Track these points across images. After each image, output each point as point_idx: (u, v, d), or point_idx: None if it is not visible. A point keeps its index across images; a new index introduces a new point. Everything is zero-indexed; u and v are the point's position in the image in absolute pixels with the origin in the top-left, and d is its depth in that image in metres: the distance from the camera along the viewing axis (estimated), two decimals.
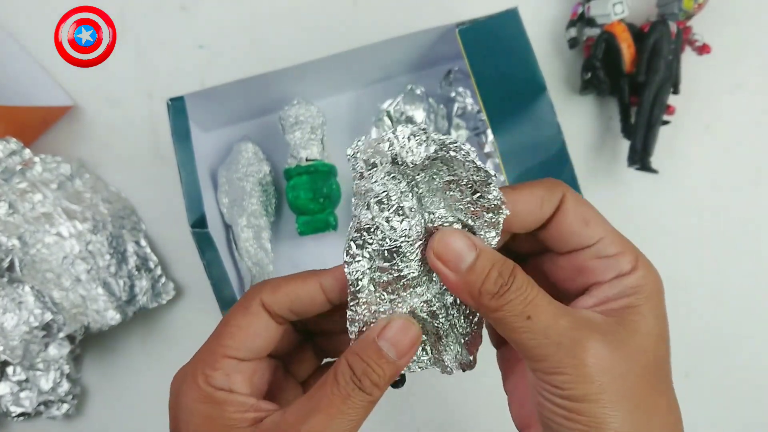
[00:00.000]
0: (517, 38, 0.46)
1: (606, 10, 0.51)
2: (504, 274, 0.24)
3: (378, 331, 0.25)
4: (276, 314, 0.28)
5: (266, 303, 0.27)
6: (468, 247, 0.25)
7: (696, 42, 0.52)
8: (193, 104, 0.48)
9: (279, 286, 0.28)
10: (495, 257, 0.25)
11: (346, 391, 0.25)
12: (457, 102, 0.52)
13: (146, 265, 0.55)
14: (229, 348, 0.27)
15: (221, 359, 0.27)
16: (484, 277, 0.24)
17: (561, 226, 0.26)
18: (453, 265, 0.25)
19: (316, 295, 0.27)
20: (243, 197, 0.52)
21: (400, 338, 0.25)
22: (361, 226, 0.26)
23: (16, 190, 0.52)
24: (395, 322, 0.26)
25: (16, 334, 0.49)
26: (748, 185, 0.55)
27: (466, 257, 0.25)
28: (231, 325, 0.28)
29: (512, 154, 0.45)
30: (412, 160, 0.24)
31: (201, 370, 0.27)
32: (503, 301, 0.24)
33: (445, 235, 0.25)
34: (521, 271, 0.25)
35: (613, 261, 0.26)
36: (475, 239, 0.25)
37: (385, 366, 0.25)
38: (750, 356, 0.55)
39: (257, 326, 0.27)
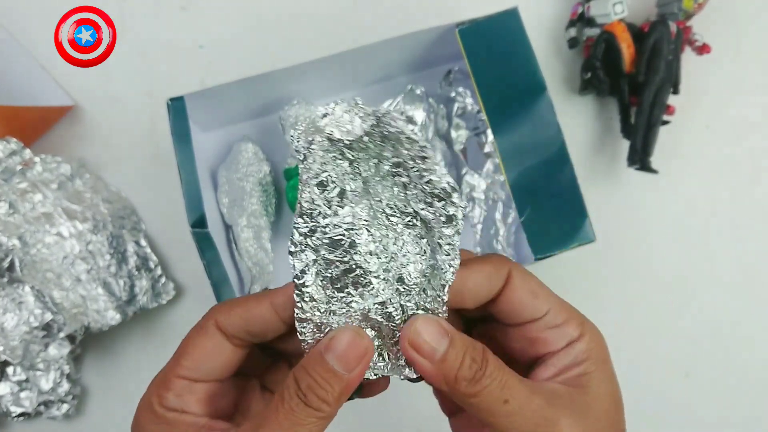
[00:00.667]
0: (517, 38, 0.46)
1: (606, 10, 0.51)
2: (477, 359, 0.24)
3: (325, 344, 0.25)
4: (232, 336, 0.27)
5: (221, 324, 0.27)
6: (440, 335, 0.25)
7: (696, 42, 0.52)
8: (193, 104, 0.48)
9: (233, 307, 0.27)
10: (466, 342, 0.25)
11: (289, 407, 0.24)
12: (457, 102, 0.52)
13: (146, 265, 0.55)
14: (183, 368, 0.27)
15: (174, 380, 0.27)
16: (459, 364, 0.24)
17: (510, 300, 0.27)
18: (428, 354, 0.24)
19: (269, 316, 0.26)
20: (243, 197, 0.52)
21: (349, 352, 0.24)
22: (302, 210, 0.24)
23: (16, 190, 0.52)
24: (343, 334, 0.25)
25: (16, 334, 0.49)
26: (748, 185, 0.55)
27: (439, 346, 0.24)
28: (186, 345, 0.28)
29: (512, 154, 0.45)
30: (349, 136, 0.23)
31: (156, 392, 0.27)
32: (479, 386, 0.24)
33: (418, 325, 0.25)
34: (491, 353, 0.25)
35: (562, 330, 0.27)
36: (445, 324, 0.25)
37: (333, 381, 0.24)
38: (750, 356, 0.55)
39: (211, 347, 0.27)
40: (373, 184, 0.24)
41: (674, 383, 0.54)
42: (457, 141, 0.52)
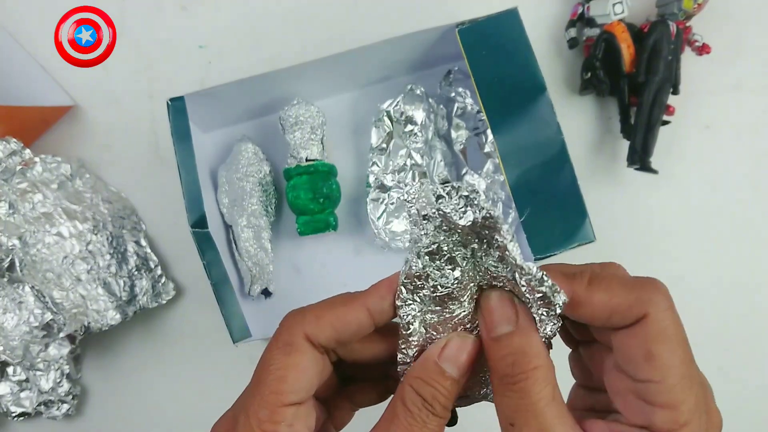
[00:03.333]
0: (517, 38, 0.46)
1: (606, 10, 0.51)
2: (517, 367, 0.23)
3: (438, 351, 0.25)
4: (320, 346, 0.26)
5: (310, 335, 0.25)
6: (510, 320, 0.24)
7: (696, 42, 0.52)
8: (193, 104, 0.48)
9: (322, 315, 0.26)
10: (525, 346, 0.23)
11: (421, 419, 0.24)
12: (457, 102, 0.52)
13: (146, 265, 0.55)
14: (285, 394, 0.25)
15: (280, 409, 0.24)
16: (502, 356, 0.24)
17: (621, 344, 0.24)
18: (488, 324, 0.24)
19: (364, 320, 0.26)
20: (243, 197, 0.52)
21: (459, 355, 0.25)
22: (412, 273, 0.25)
23: (16, 190, 0.52)
24: (453, 340, 0.25)
25: (16, 334, 0.49)
26: (747, 185, 0.55)
27: (502, 327, 0.24)
28: (278, 367, 0.25)
29: (512, 154, 0.45)
30: (461, 221, 0.24)
31: (258, 425, 0.24)
32: (501, 390, 0.24)
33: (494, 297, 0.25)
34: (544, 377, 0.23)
35: (651, 410, 0.22)
36: (524, 315, 0.24)
37: (450, 386, 0.24)
38: (750, 355, 0.55)
39: (306, 363, 0.25)
40: (480, 255, 0.25)
41: None
42: (457, 141, 0.52)
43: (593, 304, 0.23)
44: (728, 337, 0.55)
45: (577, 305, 0.24)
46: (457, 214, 0.23)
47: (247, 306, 0.52)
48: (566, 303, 0.24)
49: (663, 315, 0.23)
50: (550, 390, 0.23)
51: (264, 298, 0.54)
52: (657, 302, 0.23)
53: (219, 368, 0.55)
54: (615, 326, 0.24)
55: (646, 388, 0.23)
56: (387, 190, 0.52)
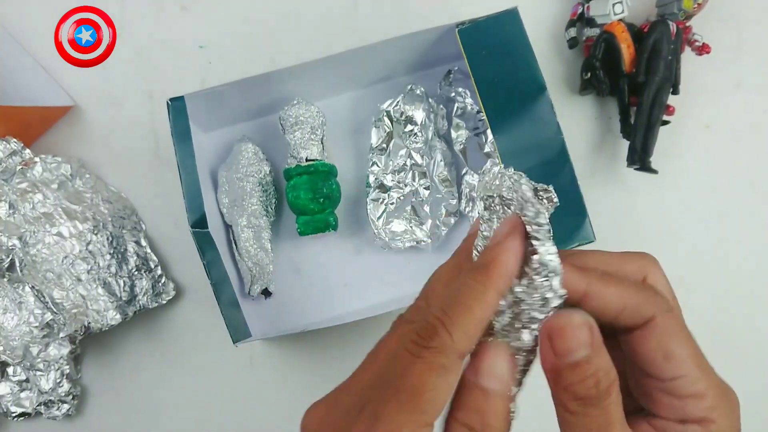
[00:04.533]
0: (517, 38, 0.46)
1: (605, 10, 0.51)
2: (601, 385, 0.22)
3: (473, 372, 0.23)
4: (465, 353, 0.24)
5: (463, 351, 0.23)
6: (586, 343, 0.22)
7: (696, 42, 0.52)
8: (193, 104, 0.48)
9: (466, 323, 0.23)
10: (603, 364, 0.22)
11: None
12: (457, 102, 0.52)
13: (146, 265, 0.55)
14: (428, 415, 0.22)
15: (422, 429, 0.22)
16: (581, 379, 0.22)
17: (637, 348, 0.24)
18: (562, 351, 0.22)
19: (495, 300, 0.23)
20: (243, 197, 0.52)
21: (496, 365, 0.23)
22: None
23: (16, 190, 0.52)
24: (484, 352, 0.24)
25: (16, 334, 0.49)
26: (747, 185, 0.55)
27: (579, 352, 0.22)
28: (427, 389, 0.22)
29: (512, 154, 0.45)
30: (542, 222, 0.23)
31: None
32: (583, 411, 0.22)
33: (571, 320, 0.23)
34: (616, 389, 0.23)
35: (682, 404, 0.23)
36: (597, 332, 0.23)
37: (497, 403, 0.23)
38: (750, 355, 0.55)
39: (453, 381, 0.23)
40: None
41: None
42: (457, 141, 0.52)
43: (605, 298, 0.23)
44: (728, 336, 0.55)
45: (590, 298, 0.23)
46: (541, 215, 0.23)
47: (247, 306, 0.52)
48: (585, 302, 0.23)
49: (669, 315, 0.24)
50: (620, 399, 0.23)
51: (264, 298, 0.54)
52: (661, 305, 0.24)
53: (219, 368, 0.55)
54: (622, 324, 0.24)
55: (672, 385, 0.23)
56: (387, 190, 0.52)
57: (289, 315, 0.54)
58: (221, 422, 0.56)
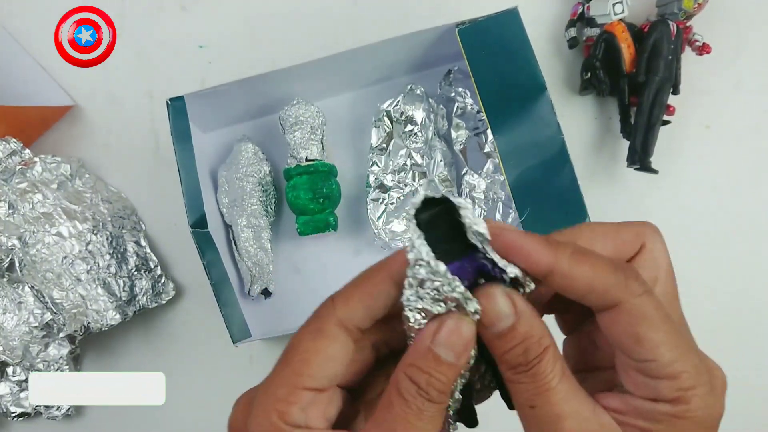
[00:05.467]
0: (517, 38, 0.46)
1: (606, 10, 0.51)
2: (530, 353, 0.23)
3: (431, 336, 0.24)
4: (354, 329, 0.25)
5: (344, 320, 0.25)
6: (507, 313, 0.23)
7: (696, 42, 0.52)
8: (193, 104, 0.48)
9: (350, 295, 0.25)
10: (531, 331, 0.23)
11: (416, 406, 0.23)
12: (457, 102, 0.52)
13: (146, 265, 0.55)
14: (307, 378, 0.24)
15: (298, 391, 0.24)
16: (509, 348, 0.23)
17: (609, 327, 0.24)
18: (487, 323, 0.23)
19: (391, 290, 0.25)
20: (243, 197, 0.52)
21: (453, 338, 0.24)
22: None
23: (16, 190, 0.52)
24: (446, 323, 0.24)
25: (16, 334, 0.49)
26: (748, 185, 0.55)
27: (502, 322, 0.23)
28: (304, 350, 0.25)
29: (512, 154, 0.45)
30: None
31: (273, 405, 0.24)
32: (516, 379, 0.23)
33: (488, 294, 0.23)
34: (553, 354, 0.23)
35: (654, 383, 0.23)
36: (519, 300, 0.23)
37: (446, 371, 0.23)
38: (750, 355, 0.55)
39: (334, 349, 0.25)
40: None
41: None
42: (457, 141, 0.52)
43: (573, 277, 0.23)
44: (728, 336, 0.55)
45: (556, 275, 0.23)
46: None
47: (247, 306, 0.52)
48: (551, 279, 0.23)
49: (643, 299, 0.23)
50: (560, 366, 0.23)
51: (264, 298, 0.54)
52: (633, 287, 0.23)
53: (219, 368, 0.55)
54: (593, 305, 0.24)
55: (644, 366, 0.23)
56: (387, 190, 0.52)
57: (289, 315, 0.54)
58: (221, 422, 0.56)
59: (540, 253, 0.23)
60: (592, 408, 0.23)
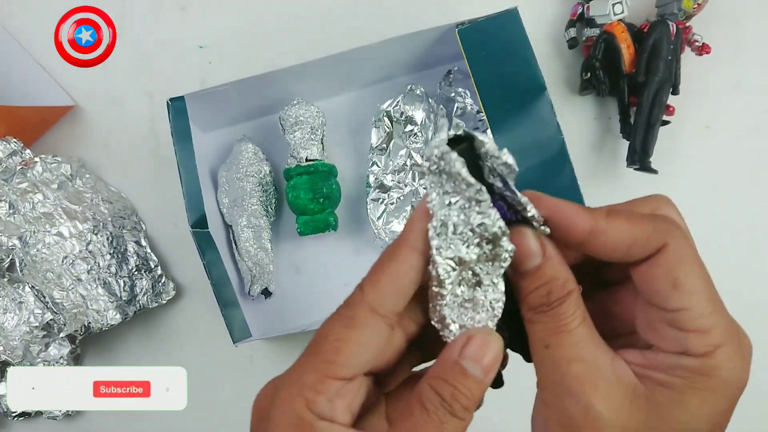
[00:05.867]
0: (517, 38, 0.46)
1: (605, 11, 0.51)
2: (553, 295, 0.23)
3: (458, 350, 0.23)
4: (390, 315, 0.24)
5: (375, 305, 0.24)
6: (536, 253, 0.23)
7: (695, 42, 0.52)
8: (193, 104, 0.48)
9: (377, 279, 0.24)
10: (557, 273, 0.23)
11: (437, 419, 0.23)
12: (457, 102, 0.52)
13: (146, 265, 0.55)
14: (339, 366, 0.23)
15: (326, 380, 0.23)
16: (535, 287, 0.23)
17: (646, 275, 0.23)
18: (516, 261, 0.23)
19: (419, 263, 0.24)
20: (243, 197, 0.52)
21: (482, 353, 0.23)
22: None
23: (16, 190, 0.52)
24: (476, 337, 0.24)
25: (16, 334, 0.49)
26: (748, 185, 0.55)
27: (530, 261, 0.23)
28: (337, 338, 0.24)
29: (512, 154, 0.45)
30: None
31: (299, 392, 0.23)
32: (535, 318, 0.23)
33: (520, 233, 0.23)
34: (576, 300, 0.23)
35: (685, 336, 0.22)
36: (550, 246, 0.24)
37: (472, 386, 0.23)
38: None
39: (368, 337, 0.24)
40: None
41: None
42: None
43: (613, 233, 0.23)
44: None
45: (597, 235, 0.23)
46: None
47: (247, 306, 0.52)
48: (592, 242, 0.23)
49: (682, 243, 0.23)
50: (581, 312, 0.23)
51: (264, 298, 0.54)
52: (674, 231, 0.23)
53: (219, 368, 0.55)
54: (635, 258, 0.23)
55: (677, 316, 0.23)
56: (387, 190, 0.52)
57: (289, 315, 0.54)
58: (222, 422, 0.56)
59: (580, 216, 0.23)
60: (611, 358, 0.23)
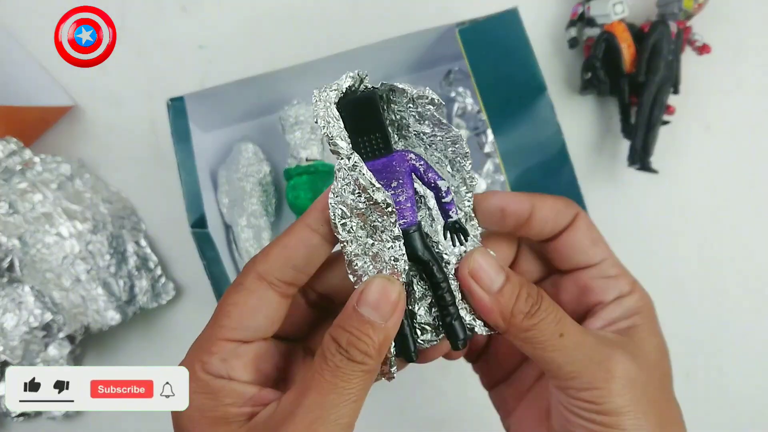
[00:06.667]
0: (517, 38, 0.46)
1: (606, 10, 0.51)
2: (532, 294, 0.25)
3: (357, 297, 0.24)
4: (278, 283, 0.25)
5: (262, 273, 0.25)
6: (497, 270, 0.25)
7: (696, 42, 0.52)
8: (193, 104, 0.48)
9: (268, 251, 0.26)
10: (521, 279, 0.26)
11: (334, 364, 0.23)
12: (457, 102, 0.52)
13: (146, 265, 0.55)
14: (227, 329, 0.25)
15: (218, 342, 0.25)
16: (515, 297, 0.25)
17: (571, 242, 0.28)
18: (486, 286, 0.25)
19: (311, 239, 0.25)
20: (243, 197, 0.52)
21: (381, 300, 0.24)
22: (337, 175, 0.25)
23: (16, 190, 0.52)
24: (373, 283, 0.24)
25: (16, 334, 0.49)
26: (747, 185, 0.55)
27: (496, 280, 0.25)
28: (224, 304, 0.26)
29: (512, 154, 0.45)
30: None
31: (197, 357, 0.25)
32: (536, 319, 0.25)
33: (477, 255, 0.25)
34: (544, 292, 0.26)
35: (614, 282, 0.28)
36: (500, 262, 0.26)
37: (372, 332, 0.23)
38: (748, 355, 0.55)
39: (255, 301, 0.25)
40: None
41: (675, 384, 0.54)
42: None
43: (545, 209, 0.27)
44: (728, 336, 0.55)
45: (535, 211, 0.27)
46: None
47: None
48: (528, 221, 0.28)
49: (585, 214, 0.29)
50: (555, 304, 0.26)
51: None
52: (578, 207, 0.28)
53: None
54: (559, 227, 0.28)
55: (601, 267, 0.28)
56: None
57: None
58: None
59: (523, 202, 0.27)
60: (588, 329, 0.27)
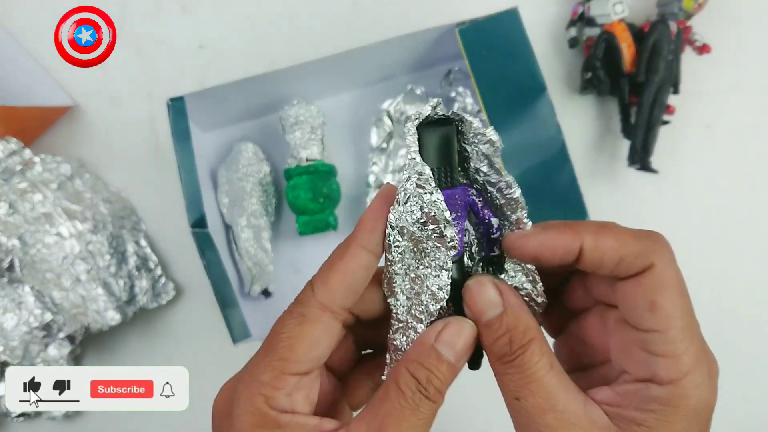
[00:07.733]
0: (517, 38, 0.46)
1: (606, 10, 0.51)
2: (514, 344, 0.23)
3: (435, 335, 0.24)
4: (341, 311, 0.25)
5: (326, 303, 0.25)
6: (495, 303, 0.24)
7: (696, 42, 0.52)
8: (193, 104, 0.48)
9: (327, 277, 0.25)
10: (517, 322, 0.24)
11: (413, 402, 0.23)
12: (457, 102, 0.52)
13: (146, 265, 0.55)
14: (293, 363, 0.25)
15: (282, 377, 0.24)
16: (496, 338, 0.24)
17: (626, 293, 0.24)
18: (476, 312, 0.25)
19: (368, 261, 0.25)
20: (243, 197, 0.52)
21: (456, 339, 0.24)
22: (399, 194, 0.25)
23: (16, 190, 0.52)
24: (451, 324, 0.25)
25: (16, 334, 0.49)
26: (747, 185, 0.55)
27: (490, 311, 0.24)
28: (289, 336, 0.25)
29: (512, 154, 0.45)
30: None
31: (258, 390, 0.24)
32: (501, 369, 0.24)
33: (480, 282, 0.25)
34: (539, 347, 0.23)
35: (654, 361, 0.23)
36: (509, 293, 0.25)
37: (445, 370, 0.24)
38: (749, 355, 0.55)
39: (318, 333, 0.25)
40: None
41: None
42: None
43: (602, 250, 0.23)
44: (728, 336, 0.55)
45: (586, 252, 0.24)
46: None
47: (247, 306, 0.52)
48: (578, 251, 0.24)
49: (668, 267, 0.23)
50: (547, 359, 0.23)
51: (264, 298, 0.54)
52: (662, 254, 0.23)
53: (219, 368, 0.55)
54: (621, 275, 0.24)
55: (649, 338, 0.23)
56: None
57: None
58: None
59: (566, 241, 0.24)
60: (583, 403, 0.23)
